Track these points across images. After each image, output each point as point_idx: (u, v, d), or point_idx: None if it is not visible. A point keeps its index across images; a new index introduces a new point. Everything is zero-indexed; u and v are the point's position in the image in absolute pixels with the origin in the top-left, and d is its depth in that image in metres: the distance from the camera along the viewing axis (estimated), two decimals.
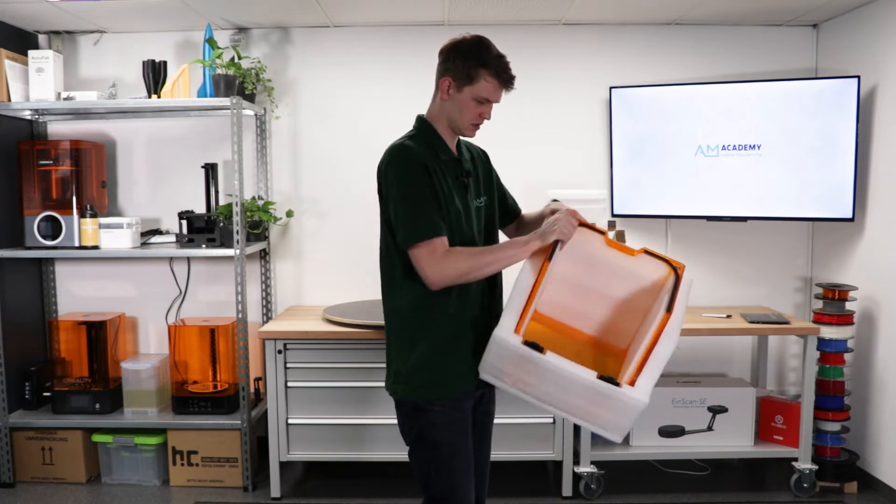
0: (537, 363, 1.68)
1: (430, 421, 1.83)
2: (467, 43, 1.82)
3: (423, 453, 1.87)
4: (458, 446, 1.85)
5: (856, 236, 3.24)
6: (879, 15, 3.06)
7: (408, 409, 1.88)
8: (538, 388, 1.73)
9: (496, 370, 1.77)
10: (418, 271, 1.76)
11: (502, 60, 1.82)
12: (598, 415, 1.71)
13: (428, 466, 1.86)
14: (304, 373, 3.02)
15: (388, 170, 1.81)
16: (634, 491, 3.16)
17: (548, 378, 1.70)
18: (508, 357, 1.71)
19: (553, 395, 1.72)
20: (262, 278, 3.55)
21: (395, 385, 1.89)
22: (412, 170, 1.77)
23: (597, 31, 3.49)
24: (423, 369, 1.83)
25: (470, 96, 1.82)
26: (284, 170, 3.55)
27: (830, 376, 3.11)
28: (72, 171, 3.19)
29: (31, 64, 3.15)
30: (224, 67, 3.15)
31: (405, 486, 3.19)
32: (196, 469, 3.21)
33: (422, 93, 3.45)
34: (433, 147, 1.86)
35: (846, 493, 3.11)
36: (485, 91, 1.81)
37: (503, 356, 1.73)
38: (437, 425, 1.83)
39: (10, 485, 3.21)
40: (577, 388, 1.68)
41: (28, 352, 3.39)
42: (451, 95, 1.84)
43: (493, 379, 1.79)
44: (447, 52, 1.84)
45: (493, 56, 1.81)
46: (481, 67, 1.79)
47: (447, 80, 1.83)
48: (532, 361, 1.69)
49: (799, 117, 3.14)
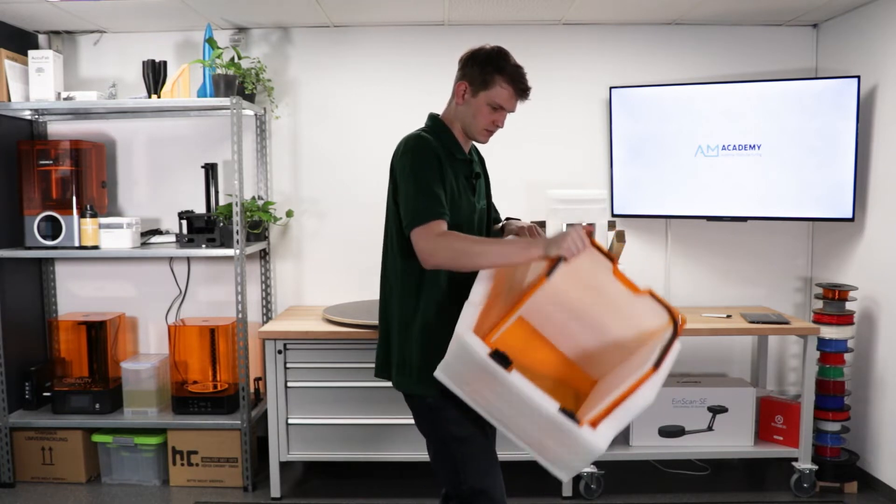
0: (500, 380, 1.55)
1: (445, 417, 1.83)
2: (486, 51, 1.87)
3: (444, 450, 1.87)
4: (478, 438, 1.85)
5: (856, 236, 3.24)
6: (879, 15, 3.06)
7: (421, 408, 1.88)
8: (494, 406, 1.61)
9: (458, 375, 1.65)
10: (416, 251, 1.75)
11: (519, 70, 1.86)
12: (549, 448, 1.58)
13: (453, 463, 1.85)
14: (304, 373, 3.02)
15: (403, 156, 1.83)
16: (634, 491, 3.16)
17: (505, 398, 1.57)
18: (471, 364, 1.59)
19: (508, 416, 1.60)
20: (262, 278, 3.55)
21: (401, 377, 1.88)
22: (426, 157, 1.80)
23: (597, 31, 3.49)
24: (429, 365, 1.79)
25: (485, 101, 1.85)
26: (284, 170, 3.55)
27: (830, 376, 3.11)
28: (72, 171, 3.19)
29: (31, 64, 3.15)
30: (224, 67, 3.15)
31: (406, 486, 3.19)
32: (196, 469, 3.21)
33: (422, 93, 3.50)
34: (447, 145, 1.89)
35: (846, 493, 3.11)
36: (499, 97, 1.85)
37: (466, 361, 1.60)
38: (453, 420, 1.83)
39: (10, 485, 3.21)
40: (534, 416, 1.55)
41: (28, 352, 3.39)
42: (466, 100, 1.88)
43: (453, 385, 1.66)
44: (466, 59, 1.89)
45: (511, 65, 1.85)
46: (497, 74, 1.83)
47: (463, 84, 1.88)
48: (494, 376, 1.55)
49: (799, 117, 3.14)
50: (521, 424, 1.59)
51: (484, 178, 2.06)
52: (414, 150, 1.82)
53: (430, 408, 1.85)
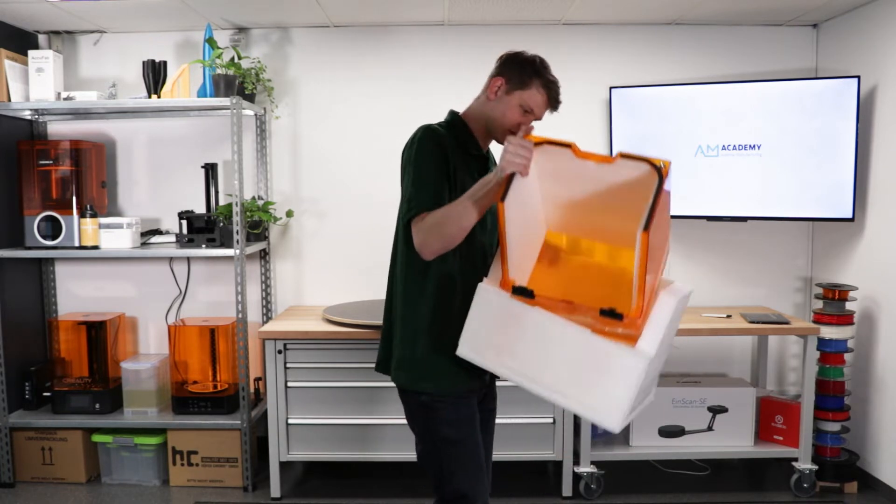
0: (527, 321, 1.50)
1: (438, 417, 1.81)
2: (529, 55, 1.86)
3: (433, 451, 1.85)
4: (469, 442, 1.83)
5: (856, 236, 3.24)
6: (879, 15, 3.06)
7: (414, 405, 1.85)
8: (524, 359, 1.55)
9: (482, 342, 1.61)
10: (414, 244, 1.72)
11: (557, 83, 1.85)
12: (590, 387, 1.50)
13: (440, 464, 1.84)
14: (304, 373, 3.02)
15: (408, 147, 1.82)
16: (634, 491, 3.16)
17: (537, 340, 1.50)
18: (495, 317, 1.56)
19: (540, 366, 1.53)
20: (262, 278, 3.55)
21: (398, 372, 1.86)
22: (429, 148, 1.78)
23: (597, 31, 3.49)
24: (428, 361, 1.81)
25: (518, 101, 1.83)
26: (284, 170, 3.55)
27: (830, 376, 3.11)
28: (72, 171, 3.19)
29: (31, 64, 3.15)
30: (224, 67, 3.15)
31: (405, 486, 3.19)
32: (196, 469, 3.21)
33: (422, 92, 3.50)
34: (461, 139, 1.87)
35: (846, 493, 3.11)
36: (533, 101, 1.82)
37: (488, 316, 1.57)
38: (446, 421, 1.81)
39: (10, 485, 3.21)
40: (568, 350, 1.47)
41: (28, 352, 3.39)
42: (498, 96, 1.84)
43: (478, 357, 1.65)
44: (506, 57, 1.87)
45: (550, 74, 1.85)
46: (537, 77, 1.82)
47: (500, 79, 1.84)
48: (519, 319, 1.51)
49: (799, 117, 3.14)
50: (557, 370, 1.53)
51: None
52: (419, 140, 1.79)
53: (424, 406, 1.83)
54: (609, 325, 1.51)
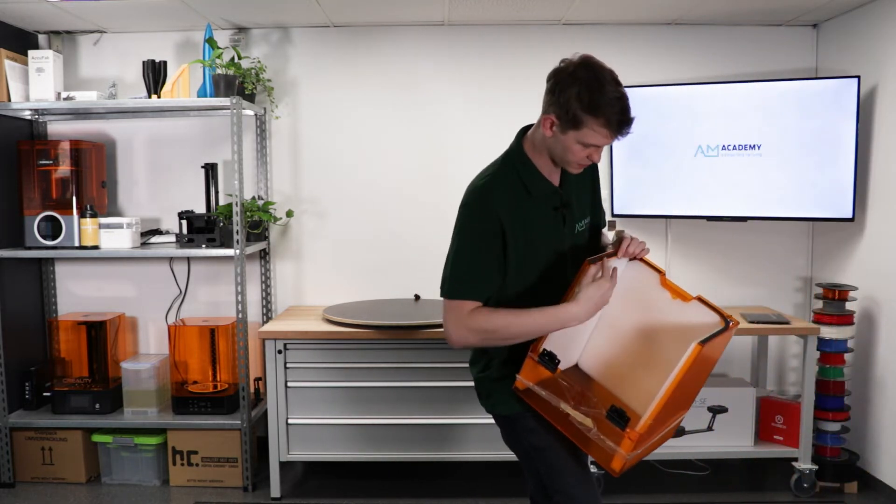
0: None
1: (524, 427, 1.79)
2: (577, 78, 1.57)
3: (528, 463, 1.85)
4: (558, 449, 1.77)
5: (856, 236, 3.24)
6: (879, 15, 3.06)
7: (502, 421, 1.86)
8: None
9: None
10: (444, 324, 1.69)
11: (620, 104, 1.57)
12: None
13: (538, 474, 1.82)
14: (304, 373, 3.02)
15: (461, 208, 1.70)
16: (634, 491, 3.16)
17: None
18: None
19: None
20: (262, 278, 3.55)
21: (480, 399, 1.89)
22: (479, 223, 1.65)
23: (597, 31, 3.49)
24: (497, 385, 1.81)
25: (574, 140, 1.61)
26: (284, 170, 3.55)
27: (830, 376, 3.11)
28: (72, 171, 3.19)
29: (31, 64, 3.15)
30: (224, 67, 3.15)
31: (405, 487, 3.19)
32: (196, 469, 3.21)
33: (422, 93, 3.49)
34: (524, 181, 1.70)
35: (846, 493, 3.11)
36: (592, 139, 1.60)
37: None
38: (530, 430, 1.78)
39: (10, 485, 3.21)
40: None
41: (28, 352, 3.39)
42: (554, 133, 1.64)
43: None
44: (556, 81, 1.61)
45: (608, 99, 1.55)
46: (590, 115, 1.55)
47: (550, 118, 1.62)
48: None
49: (799, 117, 3.14)
50: None
51: (588, 186, 1.86)
52: (470, 207, 1.66)
53: (509, 420, 1.82)
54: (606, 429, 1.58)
